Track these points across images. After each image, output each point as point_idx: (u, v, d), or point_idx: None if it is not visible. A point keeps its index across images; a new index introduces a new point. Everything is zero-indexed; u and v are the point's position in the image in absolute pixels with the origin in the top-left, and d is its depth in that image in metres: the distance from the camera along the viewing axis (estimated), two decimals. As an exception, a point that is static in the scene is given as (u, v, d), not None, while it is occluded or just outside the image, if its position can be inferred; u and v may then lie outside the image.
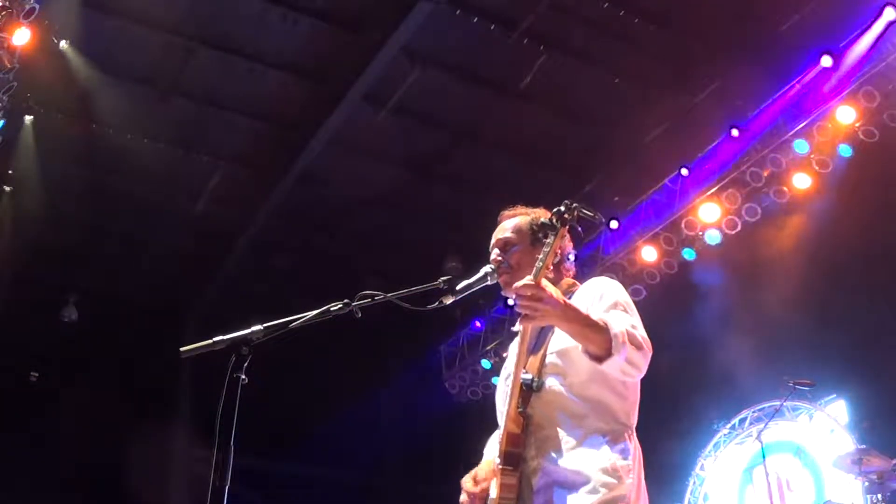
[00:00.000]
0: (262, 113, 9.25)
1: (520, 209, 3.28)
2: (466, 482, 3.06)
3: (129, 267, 10.71)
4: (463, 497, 3.05)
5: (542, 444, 2.83)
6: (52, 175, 9.22)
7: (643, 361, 2.78)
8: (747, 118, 8.53)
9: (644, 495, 2.84)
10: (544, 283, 2.71)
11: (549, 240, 2.79)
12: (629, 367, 2.75)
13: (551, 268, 2.81)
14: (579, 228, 2.95)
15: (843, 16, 7.74)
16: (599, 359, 2.71)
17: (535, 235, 3.14)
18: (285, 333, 2.84)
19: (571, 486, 2.74)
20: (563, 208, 2.79)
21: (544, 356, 2.91)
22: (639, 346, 2.75)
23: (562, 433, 2.82)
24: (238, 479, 2.65)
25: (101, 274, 10.76)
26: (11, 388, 10.73)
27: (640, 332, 2.80)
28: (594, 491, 2.70)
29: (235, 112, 9.15)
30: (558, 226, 2.78)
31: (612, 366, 2.72)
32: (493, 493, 2.84)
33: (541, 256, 2.76)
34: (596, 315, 2.81)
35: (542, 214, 3.19)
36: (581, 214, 2.82)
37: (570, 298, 3.01)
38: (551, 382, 2.88)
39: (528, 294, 2.68)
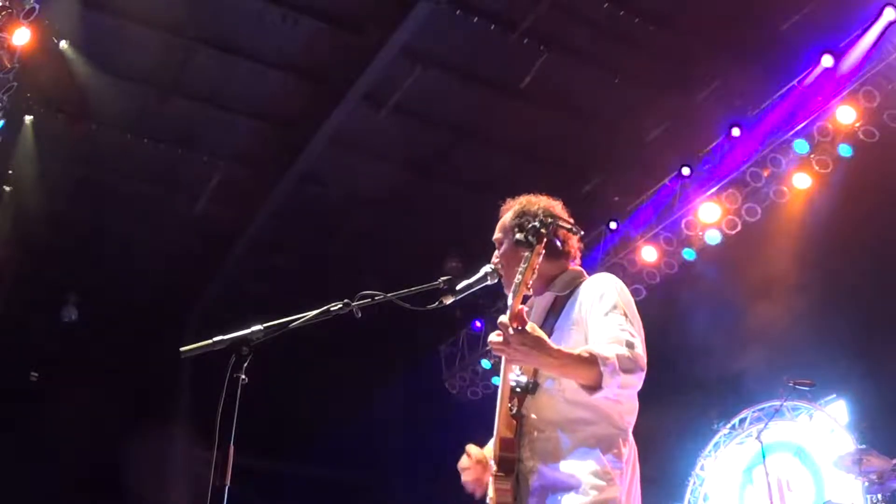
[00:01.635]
0: (262, 113, 9.25)
1: (510, 202, 3.25)
2: (471, 447, 3.09)
3: (129, 267, 10.71)
4: (464, 460, 3.06)
5: (537, 446, 2.84)
6: (52, 175, 9.22)
7: (637, 382, 2.73)
8: (747, 118, 8.54)
9: (635, 499, 2.83)
10: (529, 326, 2.61)
11: (527, 254, 2.71)
12: (622, 391, 2.71)
13: (530, 284, 2.71)
14: (557, 242, 2.90)
15: (843, 16, 7.73)
16: (591, 389, 2.67)
17: (513, 231, 3.08)
18: (285, 333, 2.84)
19: (563, 489, 2.74)
20: (538, 224, 2.73)
21: None
22: (630, 370, 2.67)
23: (556, 437, 2.82)
24: (238, 479, 2.65)
25: (101, 274, 10.76)
26: (11, 388, 10.72)
27: (636, 350, 2.73)
28: (584, 493, 2.71)
29: (235, 112, 9.15)
30: (534, 242, 2.71)
31: (604, 395, 2.67)
32: (491, 493, 2.85)
33: (520, 269, 2.70)
34: (591, 327, 2.80)
35: (528, 202, 3.16)
36: (559, 227, 2.80)
37: (575, 290, 3.00)
38: (546, 384, 2.87)
39: (498, 339, 2.61)
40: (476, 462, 3.05)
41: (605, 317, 2.82)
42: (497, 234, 3.19)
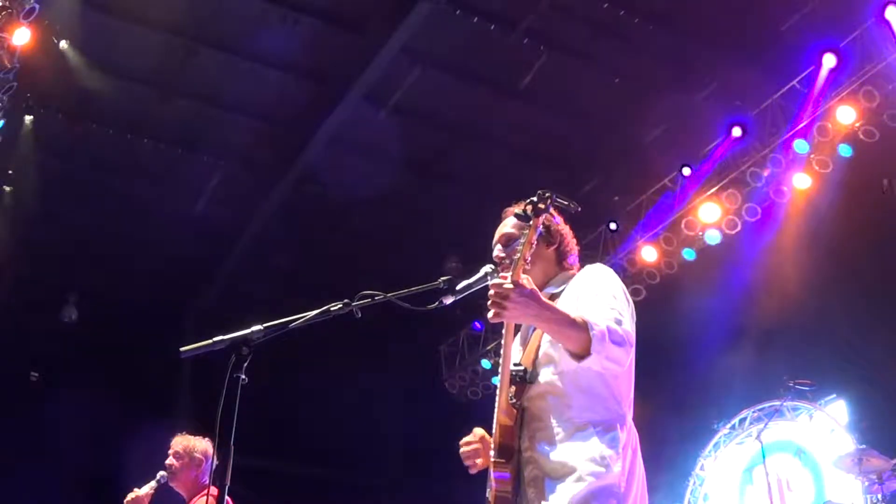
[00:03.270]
0: (262, 113, 9.26)
1: (523, 204, 3.25)
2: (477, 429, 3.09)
3: (129, 267, 10.70)
4: (470, 438, 3.06)
5: (535, 434, 2.85)
6: (51, 175, 9.22)
7: (624, 357, 2.75)
8: (747, 118, 8.54)
9: (638, 483, 2.83)
10: (523, 279, 2.69)
11: (525, 231, 2.77)
12: (610, 364, 2.73)
13: (528, 259, 2.77)
14: (556, 220, 2.91)
15: (843, 15, 7.74)
16: (579, 357, 2.70)
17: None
18: (285, 333, 2.84)
19: (560, 476, 2.75)
20: (536, 199, 2.77)
21: (538, 346, 2.91)
22: (619, 343, 2.71)
23: (553, 424, 2.84)
24: (238, 479, 2.65)
25: (101, 274, 10.75)
26: (11, 388, 10.71)
27: (624, 326, 2.77)
28: (580, 479, 2.71)
29: (235, 112, 9.16)
30: (532, 216, 2.76)
31: (592, 363, 2.69)
32: (491, 482, 2.85)
33: (519, 248, 2.76)
34: (582, 305, 2.81)
35: None
36: (556, 203, 2.81)
37: (568, 283, 3.04)
38: (545, 372, 2.88)
39: (493, 292, 2.67)
40: (480, 438, 3.08)
41: (595, 297, 2.86)
42: (511, 230, 3.12)
